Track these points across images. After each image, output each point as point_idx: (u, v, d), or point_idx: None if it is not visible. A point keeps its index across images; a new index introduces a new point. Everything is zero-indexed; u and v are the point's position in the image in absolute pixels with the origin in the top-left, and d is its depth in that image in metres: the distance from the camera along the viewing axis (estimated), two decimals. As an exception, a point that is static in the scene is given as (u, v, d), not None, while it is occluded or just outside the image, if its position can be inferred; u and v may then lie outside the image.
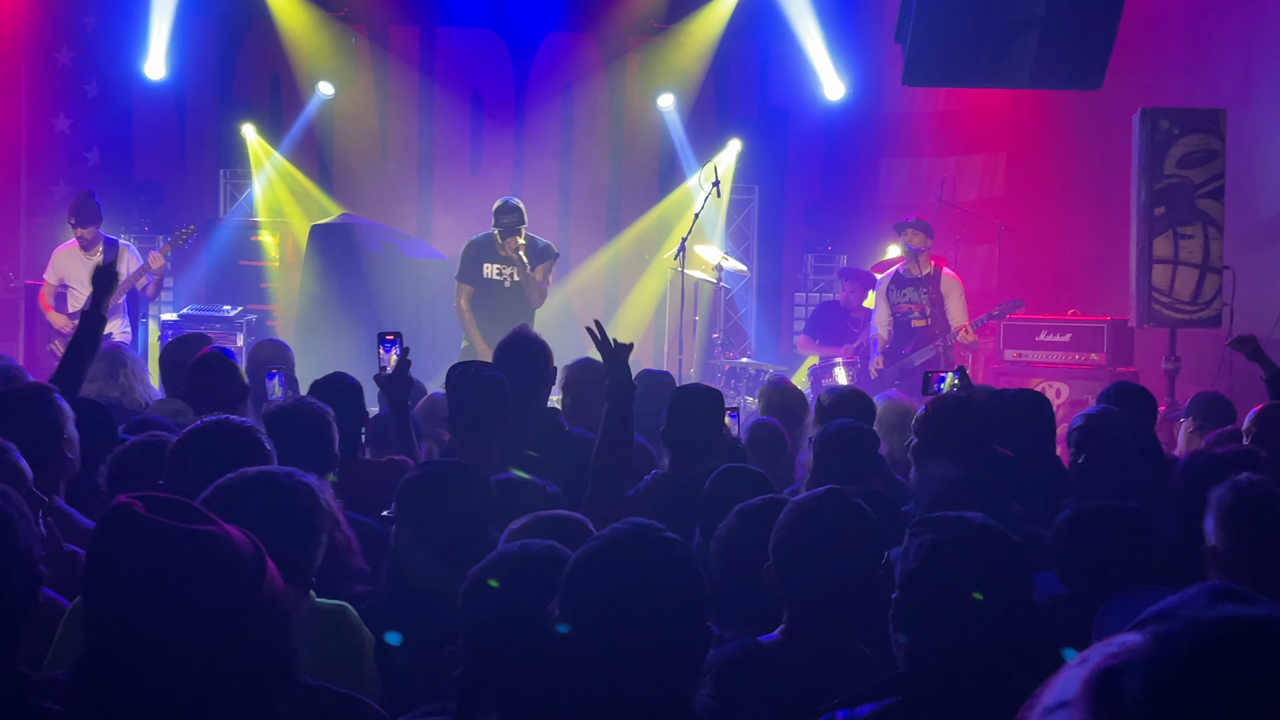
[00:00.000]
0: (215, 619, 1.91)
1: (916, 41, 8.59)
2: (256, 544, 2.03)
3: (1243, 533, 3.34)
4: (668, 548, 2.33)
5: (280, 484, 2.89)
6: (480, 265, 9.18)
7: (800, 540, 2.97)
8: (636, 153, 13.68)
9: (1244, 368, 9.34)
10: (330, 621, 3.01)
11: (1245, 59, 10.61)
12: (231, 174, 13.37)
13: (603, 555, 2.32)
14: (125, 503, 1.96)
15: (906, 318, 9.96)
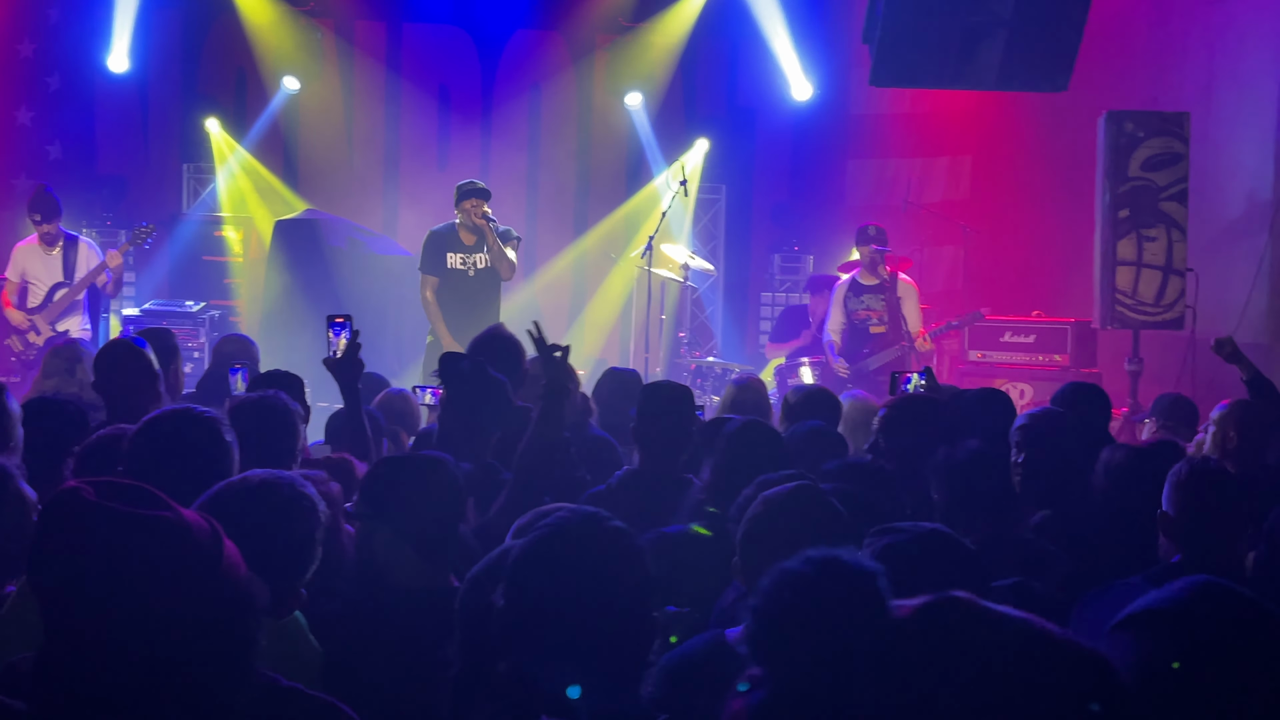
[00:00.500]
0: (167, 605, 1.87)
1: (884, 43, 8.61)
2: (215, 528, 1.99)
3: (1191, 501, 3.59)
4: (615, 537, 2.32)
5: (283, 493, 2.87)
6: (444, 255, 9.12)
7: (769, 533, 2.95)
8: (604, 151, 13.66)
9: (1206, 369, 9.43)
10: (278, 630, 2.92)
11: (1209, 62, 10.69)
12: (195, 169, 13.26)
13: (547, 544, 2.30)
14: (72, 488, 1.92)
15: (865, 324, 9.98)
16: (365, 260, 11.57)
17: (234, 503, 2.78)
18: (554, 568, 2.26)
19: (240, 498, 2.81)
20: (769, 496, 3.05)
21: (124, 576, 1.86)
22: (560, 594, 2.23)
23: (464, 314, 8.75)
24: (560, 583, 2.24)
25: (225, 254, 12.29)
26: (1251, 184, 10.14)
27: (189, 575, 1.90)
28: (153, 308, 11.33)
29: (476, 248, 9.10)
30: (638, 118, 13.39)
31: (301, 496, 2.90)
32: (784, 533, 2.93)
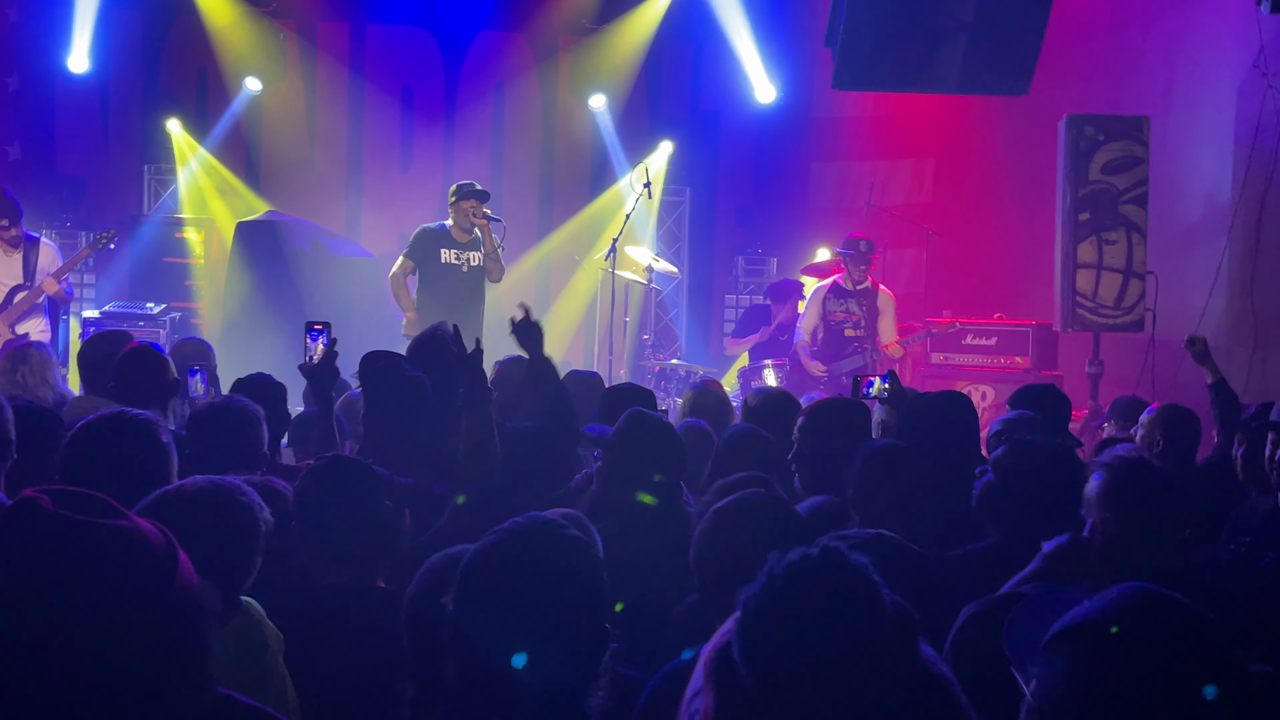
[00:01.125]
0: (124, 615, 1.84)
1: (846, 46, 8.64)
2: (169, 538, 1.96)
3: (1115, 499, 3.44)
4: (569, 544, 2.28)
5: (224, 500, 2.84)
6: (437, 250, 9.11)
7: (724, 540, 2.90)
8: (568, 153, 13.65)
9: (1166, 372, 9.51)
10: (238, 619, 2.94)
11: (1168, 67, 10.77)
12: (156, 170, 13.17)
13: (499, 549, 2.27)
14: (30, 497, 1.90)
15: (841, 327, 10.03)
16: (327, 262, 11.52)
17: (174, 510, 2.74)
18: (505, 572, 2.23)
19: (180, 505, 2.78)
20: (721, 508, 2.99)
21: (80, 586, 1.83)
22: (511, 599, 2.20)
23: (453, 308, 8.73)
24: (511, 588, 2.21)
25: (186, 256, 12.21)
26: (1210, 187, 10.23)
27: (145, 586, 1.88)
28: (113, 310, 11.24)
29: (470, 246, 9.12)
30: (602, 120, 13.39)
31: (243, 504, 2.87)
32: (738, 539, 2.89)
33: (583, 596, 2.25)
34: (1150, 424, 5.57)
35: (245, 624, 2.93)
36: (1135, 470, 3.43)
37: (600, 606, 2.29)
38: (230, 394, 4.75)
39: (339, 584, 3.30)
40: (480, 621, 2.20)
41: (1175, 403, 5.87)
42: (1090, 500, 3.43)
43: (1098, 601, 1.95)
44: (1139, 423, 5.74)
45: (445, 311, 8.67)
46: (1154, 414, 5.58)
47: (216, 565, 2.55)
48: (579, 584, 2.25)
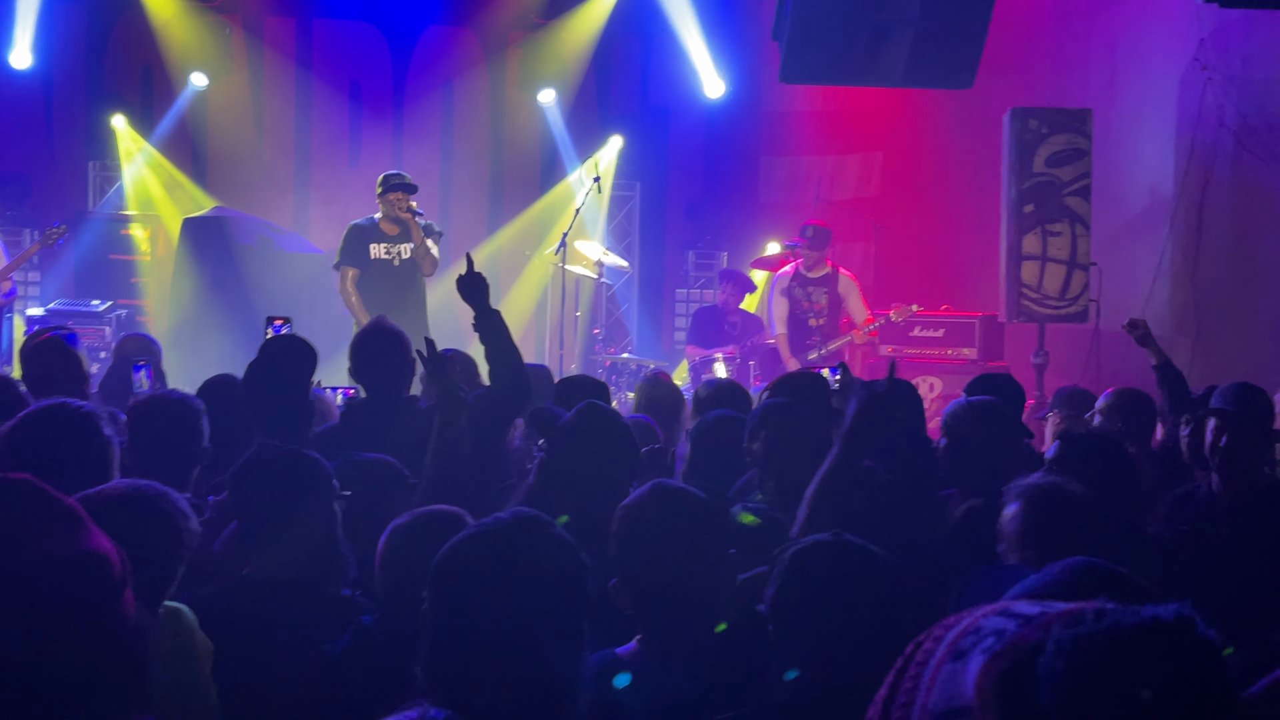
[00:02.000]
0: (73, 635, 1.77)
1: (793, 40, 8.68)
2: (124, 558, 1.88)
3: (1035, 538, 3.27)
4: (549, 540, 2.24)
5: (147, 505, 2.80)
6: (366, 247, 9.03)
7: (636, 540, 2.87)
8: (517, 148, 13.64)
9: (1110, 361, 9.62)
10: (165, 624, 2.90)
11: (1111, 60, 10.90)
12: (101, 166, 13.05)
13: (476, 543, 2.22)
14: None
15: (805, 317, 10.10)
16: (275, 258, 11.46)
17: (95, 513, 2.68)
18: (479, 568, 2.18)
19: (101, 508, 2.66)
20: (629, 503, 2.95)
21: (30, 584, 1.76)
22: (485, 595, 2.15)
23: (389, 304, 8.67)
24: (489, 588, 2.15)
25: (132, 253, 12.11)
26: (1153, 179, 10.36)
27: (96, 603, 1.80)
28: (58, 307, 11.13)
29: (400, 238, 9.04)
30: (551, 115, 13.39)
31: (168, 511, 2.82)
32: (651, 531, 2.86)
33: (562, 596, 2.20)
34: (1108, 409, 5.62)
35: (177, 633, 2.88)
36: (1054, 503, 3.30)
37: (582, 600, 2.24)
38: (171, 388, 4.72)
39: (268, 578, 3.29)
40: (456, 618, 2.16)
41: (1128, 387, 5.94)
42: (1009, 538, 3.33)
43: (1042, 576, 1.98)
44: (1096, 409, 5.79)
45: (381, 307, 8.64)
46: (1111, 398, 5.63)
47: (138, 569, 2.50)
48: (559, 579, 2.20)
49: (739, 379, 9.61)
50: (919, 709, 1.33)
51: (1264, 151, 9.08)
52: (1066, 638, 1.26)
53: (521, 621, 2.13)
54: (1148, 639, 1.21)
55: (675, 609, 2.84)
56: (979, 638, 1.33)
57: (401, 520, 3.23)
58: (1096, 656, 1.23)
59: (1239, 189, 9.50)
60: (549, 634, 2.16)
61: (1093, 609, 1.31)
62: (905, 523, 4.15)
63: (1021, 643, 1.30)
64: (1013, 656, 1.29)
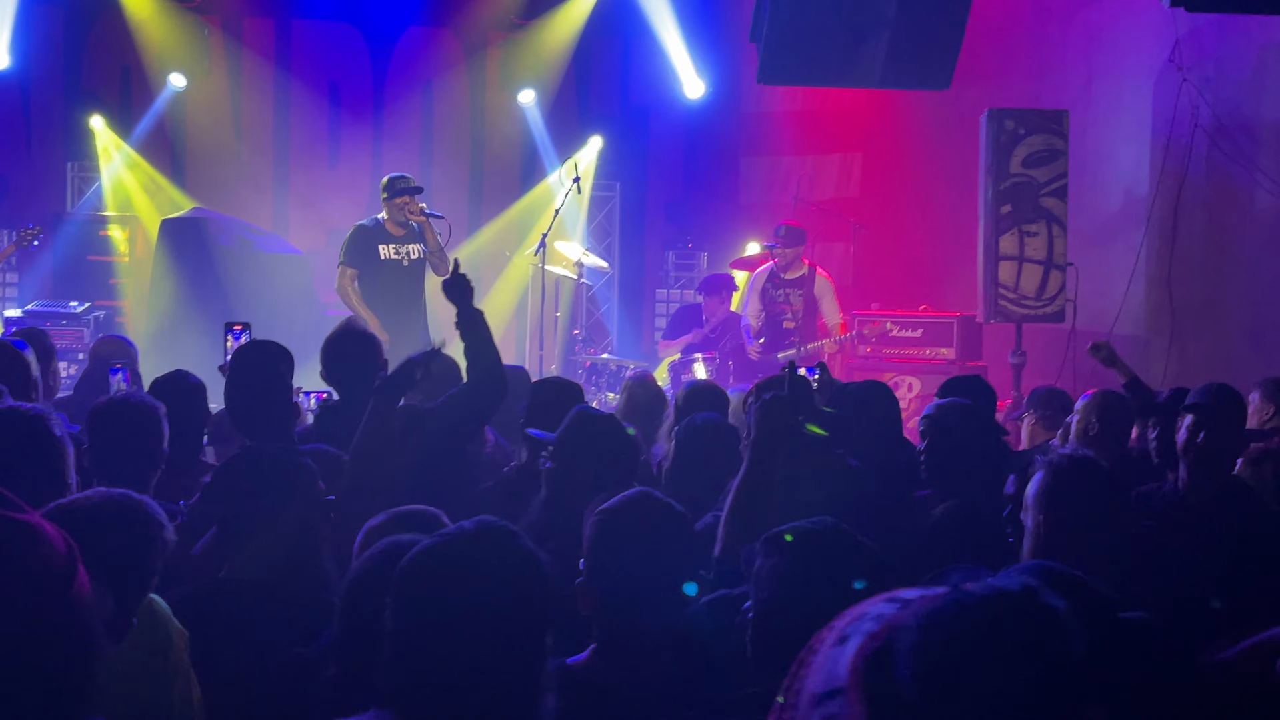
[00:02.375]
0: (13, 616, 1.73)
1: (771, 41, 8.72)
2: (69, 544, 1.83)
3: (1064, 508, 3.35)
4: (513, 552, 2.22)
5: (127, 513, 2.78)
6: (375, 248, 8.98)
7: (607, 546, 2.85)
8: (497, 149, 13.63)
9: (1087, 361, 9.65)
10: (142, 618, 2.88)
11: (1087, 61, 10.95)
12: (79, 167, 13.01)
13: (438, 552, 2.20)
14: None
15: (779, 319, 10.12)
16: (254, 259, 11.44)
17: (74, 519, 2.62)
18: (442, 577, 2.17)
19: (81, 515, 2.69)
20: (609, 507, 2.93)
21: None
22: (448, 604, 2.14)
23: (398, 304, 8.68)
24: (451, 597, 2.15)
25: (111, 254, 12.08)
26: (1128, 180, 10.41)
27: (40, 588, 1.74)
28: (36, 309, 11.09)
29: (408, 238, 9.03)
30: (531, 115, 13.39)
31: (146, 518, 2.80)
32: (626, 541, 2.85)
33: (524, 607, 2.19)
34: (1085, 409, 5.66)
35: (149, 622, 2.87)
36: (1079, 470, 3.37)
37: (546, 609, 2.23)
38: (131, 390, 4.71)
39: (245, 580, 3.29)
40: (418, 626, 2.15)
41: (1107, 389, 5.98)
42: (1029, 501, 3.38)
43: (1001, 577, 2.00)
44: (1075, 409, 5.83)
45: (389, 309, 8.63)
46: (1089, 400, 5.67)
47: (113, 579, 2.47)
48: (522, 588, 2.19)
49: (718, 380, 9.63)
50: (805, 693, 1.38)
51: (1237, 153, 9.14)
52: (919, 613, 1.30)
53: (483, 631, 2.12)
54: (991, 609, 1.26)
55: (635, 621, 2.82)
56: (862, 622, 1.39)
57: (376, 521, 3.24)
58: (945, 629, 1.28)
59: (1213, 190, 9.56)
60: (511, 644, 2.15)
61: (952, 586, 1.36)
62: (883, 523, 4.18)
63: (894, 624, 1.35)
64: (884, 637, 1.34)
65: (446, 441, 4.64)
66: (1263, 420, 6.27)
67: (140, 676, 2.42)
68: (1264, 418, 6.30)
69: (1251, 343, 9.03)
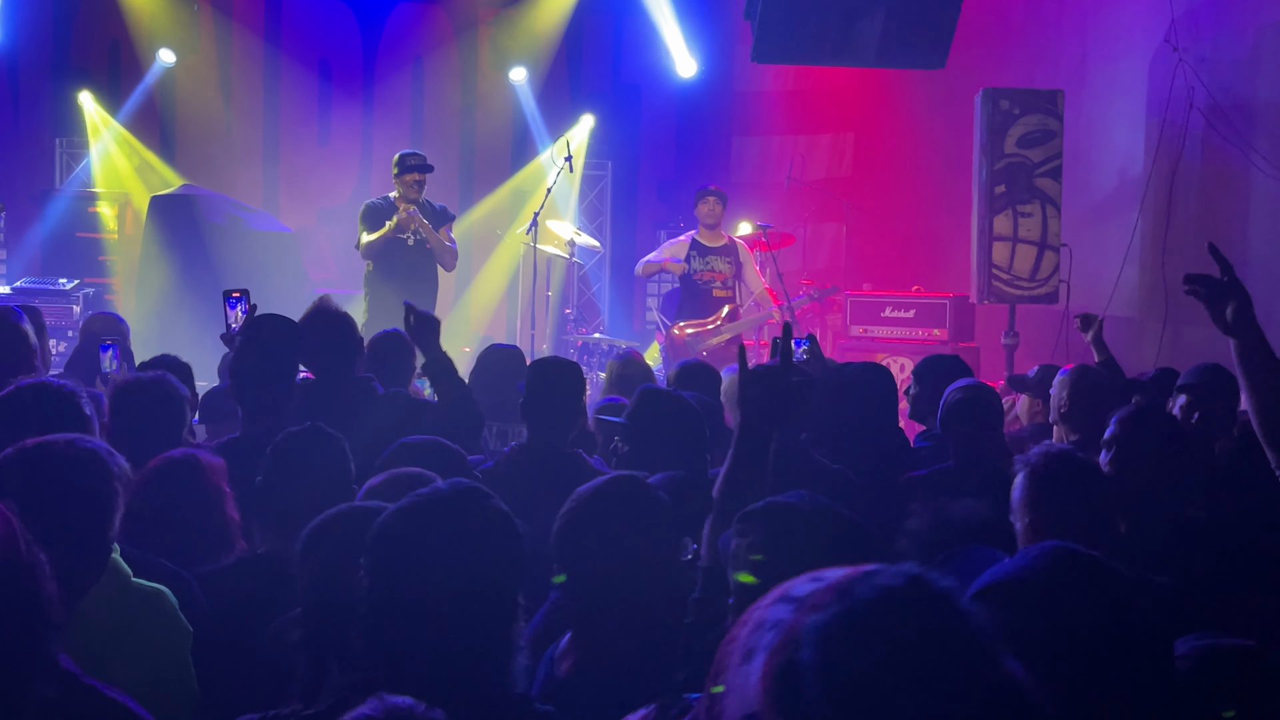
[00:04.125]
0: None
1: (765, 19, 8.67)
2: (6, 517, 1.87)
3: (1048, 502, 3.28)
4: (486, 513, 2.25)
5: (62, 454, 2.72)
6: (381, 224, 8.97)
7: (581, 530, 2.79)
8: (488, 127, 13.58)
9: (1080, 342, 9.65)
10: (145, 607, 2.88)
11: (1081, 41, 10.91)
12: (68, 143, 12.93)
13: (412, 514, 2.23)
14: None
15: (709, 286, 9.95)
16: (244, 236, 11.37)
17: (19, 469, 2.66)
18: (415, 539, 2.19)
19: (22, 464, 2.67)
20: (583, 491, 2.87)
21: None
22: (425, 569, 2.16)
23: (403, 283, 8.63)
24: (425, 557, 2.17)
25: (100, 230, 12.01)
26: (1123, 161, 10.39)
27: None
28: (24, 285, 11.03)
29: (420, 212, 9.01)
30: (522, 93, 13.34)
31: (84, 452, 2.75)
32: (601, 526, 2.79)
33: (496, 567, 2.22)
34: (1059, 386, 5.62)
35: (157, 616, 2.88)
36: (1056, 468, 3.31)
37: (514, 579, 2.26)
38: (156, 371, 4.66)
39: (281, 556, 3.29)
40: (392, 586, 2.17)
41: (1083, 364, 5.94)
42: (1015, 505, 3.33)
43: (1018, 559, 1.98)
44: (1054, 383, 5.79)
45: (397, 287, 8.59)
46: (1063, 377, 5.62)
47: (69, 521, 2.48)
48: (493, 554, 2.22)
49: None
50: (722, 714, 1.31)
51: (1233, 134, 9.12)
52: (811, 625, 1.25)
53: (455, 591, 2.15)
54: (881, 613, 1.21)
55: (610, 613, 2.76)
56: (762, 633, 1.31)
57: (375, 481, 3.24)
58: (840, 643, 1.22)
59: (1208, 171, 9.54)
60: (483, 604, 2.18)
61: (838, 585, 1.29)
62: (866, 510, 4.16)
63: (793, 634, 1.28)
64: (786, 651, 1.27)
65: None
66: (1257, 402, 6.26)
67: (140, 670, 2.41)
68: (1258, 399, 6.28)
69: (1245, 324, 9.02)
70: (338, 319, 5.17)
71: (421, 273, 8.97)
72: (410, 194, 8.95)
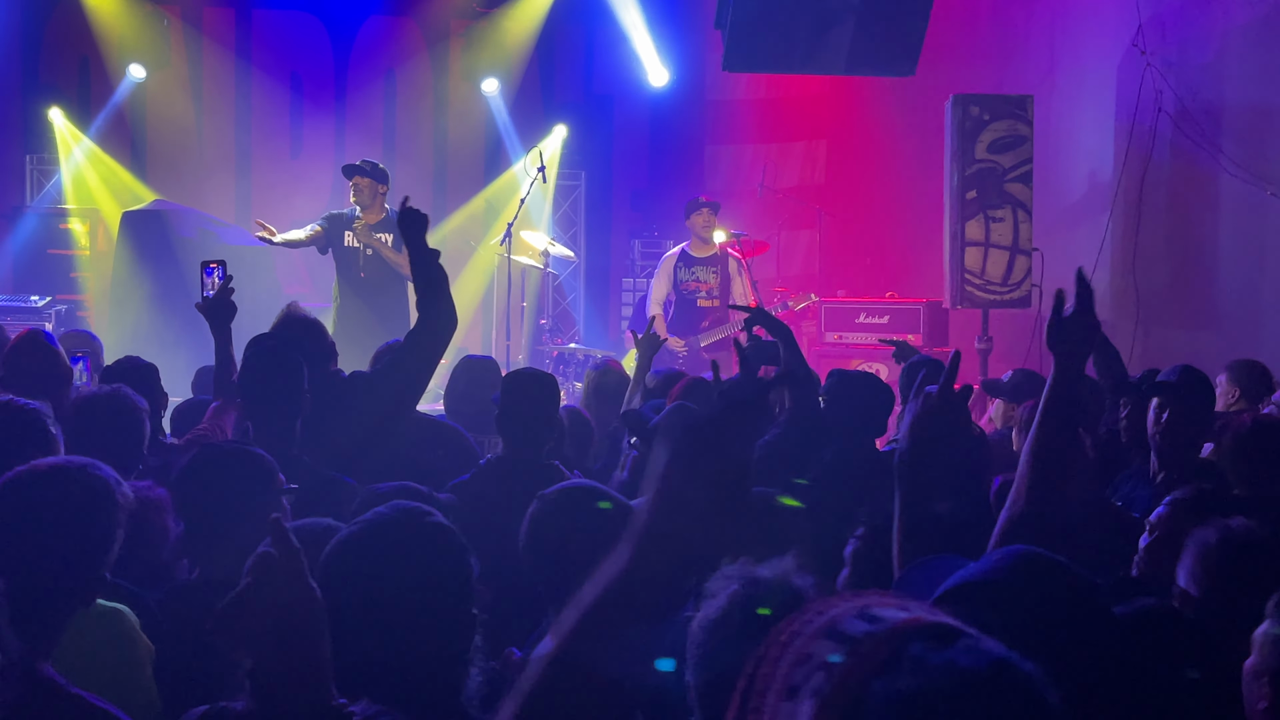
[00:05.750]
0: None
1: (736, 28, 8.71)
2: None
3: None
4: (433, 533, 2.28)
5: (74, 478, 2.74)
6: (341, 233, 8.98)
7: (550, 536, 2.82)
8: (461, 138, 13.57)
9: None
10: (103, 626, 2.87)
11: (1050, 46, 10.97)
12: (38, 160, 12.87)
13: (360, 539, 2.27)
14: None
15: (694, 296, 10.00)
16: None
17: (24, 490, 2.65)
18: (364, 563, 2.22)
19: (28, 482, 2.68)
20: (548, 495, 2.89)
21: None
22: (370, 590, 2.19)
23: (366, 294, 8.63)
24: (374, 581, 2.19)
25: (71, 247, 11.97)
26: (1093, 165, 10.44)
27: None
28: (-4, 303, 10.98)
29: (379, 227, 8.99)
30: (495, 104, 13.33)
31: (95, 480, 2.76)
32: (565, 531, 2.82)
33: (446, 583, 2.24)
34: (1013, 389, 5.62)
35: (117, 634, 2.87)
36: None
37: (467, 592, 2.28)
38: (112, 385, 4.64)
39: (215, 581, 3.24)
40: (343, 613, 2.16)
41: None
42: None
43: (984, 563, 1.98)
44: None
45: (362, 297, 8.57)
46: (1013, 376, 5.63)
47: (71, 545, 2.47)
48: (446, 575, 2.24)
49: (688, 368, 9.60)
50: None
51: (1201, 136, 9.18)
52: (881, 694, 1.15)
53: (406, 614, 2.18)
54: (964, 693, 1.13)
55: None
56: (810, 670, 1.22)
57: None
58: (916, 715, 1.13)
59: (1177, 174, 9.60)
60: (435, 624, 2.20)
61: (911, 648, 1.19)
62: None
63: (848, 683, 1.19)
64: (842, 704, 1.19)
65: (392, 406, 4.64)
66: (1229, 403, 6.31)
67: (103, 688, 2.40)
68: (1230, 400, 6.33)
69: (1216, 326, 9.08)
70: (305, 325, 5.14)
71: (384, 283, 8.96)
72: (354, 198, 8.99)
